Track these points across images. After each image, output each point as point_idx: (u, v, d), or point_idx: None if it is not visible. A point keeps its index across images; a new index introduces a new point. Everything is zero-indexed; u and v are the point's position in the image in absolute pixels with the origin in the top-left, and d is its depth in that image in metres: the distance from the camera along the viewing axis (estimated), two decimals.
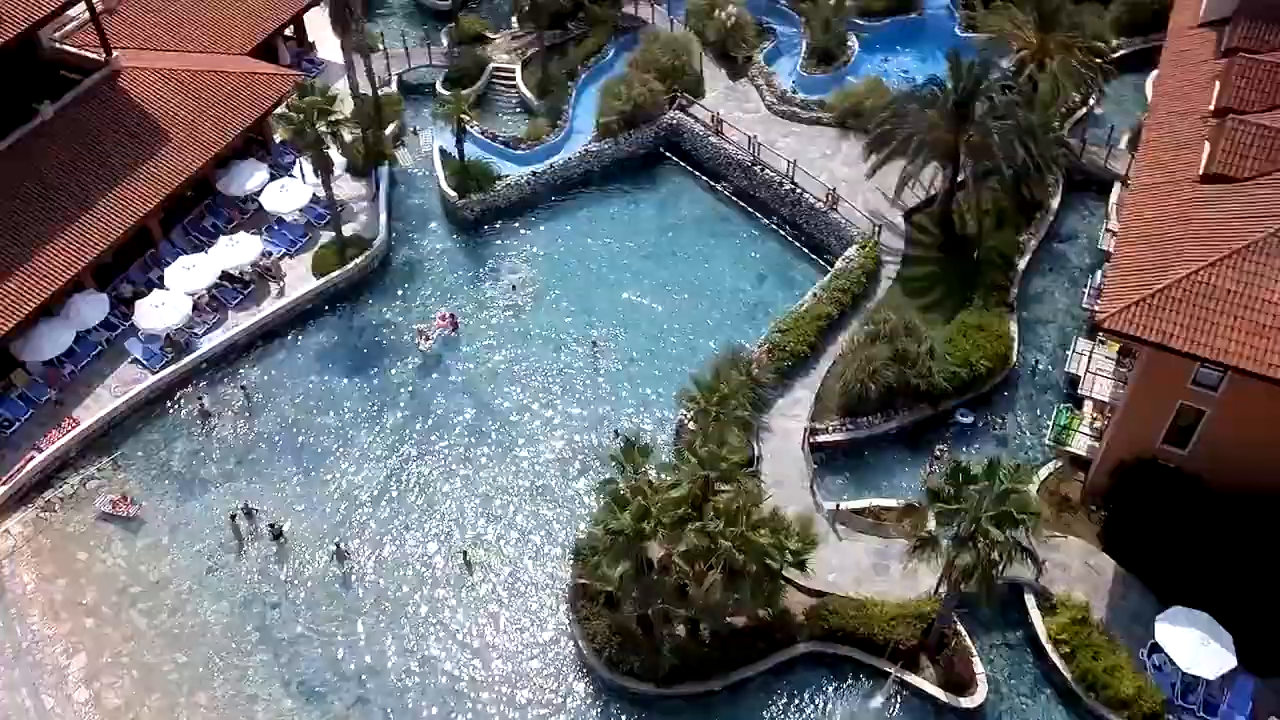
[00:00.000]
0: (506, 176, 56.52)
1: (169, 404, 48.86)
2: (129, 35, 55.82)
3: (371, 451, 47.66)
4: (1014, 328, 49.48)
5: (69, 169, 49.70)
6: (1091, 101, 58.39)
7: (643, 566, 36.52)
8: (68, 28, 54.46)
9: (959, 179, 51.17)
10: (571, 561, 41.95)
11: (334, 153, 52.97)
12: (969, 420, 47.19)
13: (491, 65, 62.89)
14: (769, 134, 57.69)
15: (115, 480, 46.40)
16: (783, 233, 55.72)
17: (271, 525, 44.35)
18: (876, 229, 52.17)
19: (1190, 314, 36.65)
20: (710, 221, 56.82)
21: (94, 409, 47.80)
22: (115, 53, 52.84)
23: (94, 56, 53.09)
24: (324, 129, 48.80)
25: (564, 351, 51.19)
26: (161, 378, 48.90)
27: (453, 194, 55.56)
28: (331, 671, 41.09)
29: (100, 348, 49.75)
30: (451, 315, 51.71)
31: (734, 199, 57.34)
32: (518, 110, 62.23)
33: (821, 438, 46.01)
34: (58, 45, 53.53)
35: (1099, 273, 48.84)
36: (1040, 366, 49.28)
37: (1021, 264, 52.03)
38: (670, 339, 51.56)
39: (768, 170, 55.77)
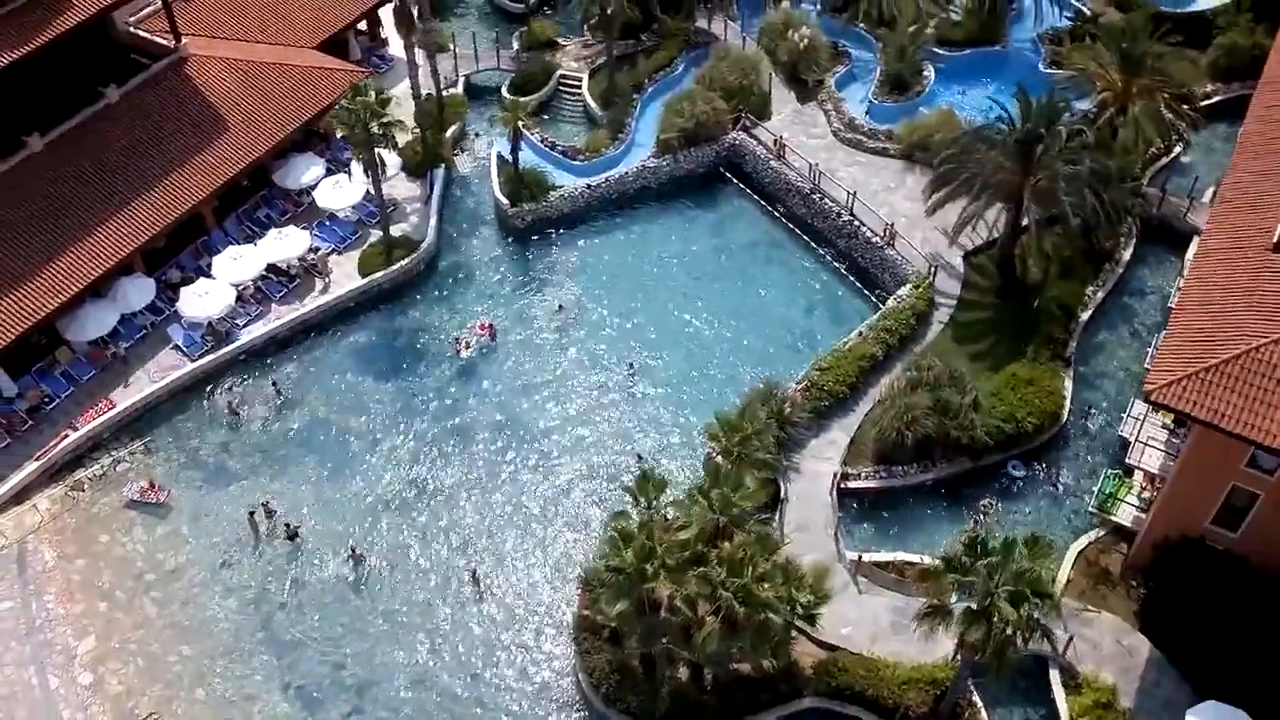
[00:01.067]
0: (561, 187, 55.83)
1: (205, 393, 49.14)
2: (201, 22, 56.47)
3: (396, 457, 47.34)
4: (1068, 384, 47.12)
5: (127, 153, 50.34)
6: (1177, 150, 55.63)
7: (645, 606, 35.40)
8: (143, 12, 55.28)
9: (1023, 223, 49.03)
10: (579, 591, 41.05)
11: (387, 154, 53.12)
12: (1021, 474, 45.15)
13: (559, 73, 62.26)
14: (832, 162, 56.07)
15: (145, 465, 46.84)
16: (837, 265, 54.01)
17: (287, 525, 44.29)
18: (932, 269, 50.25)
19: (1247, 393, 34.22)
20: (765, 247, 55.40)
21: (131, 392, 48.33)
22: (184, 40, 53.43)
23: (164, 42, 53.77)
24: (375, 130, 48.55)
25: (601, 370, 50.31)
26: (200, 365, 49.25)
27: (505, 201, 55.05)
28: (331, 680, 40.81)
29: (145, 331, 50.32)
30: (491, 325, 51.20)
31: (791, 226, 55.80)
32: (582, 120, 61.49)
33: (853, 484, 44.37)
34: (131, 29, 54.30)
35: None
36: (1095, 426, 46.94)
37: (1084, 316, 49.57)
38: (712, 365, 50.32)
39: (827, 199, 54.13)
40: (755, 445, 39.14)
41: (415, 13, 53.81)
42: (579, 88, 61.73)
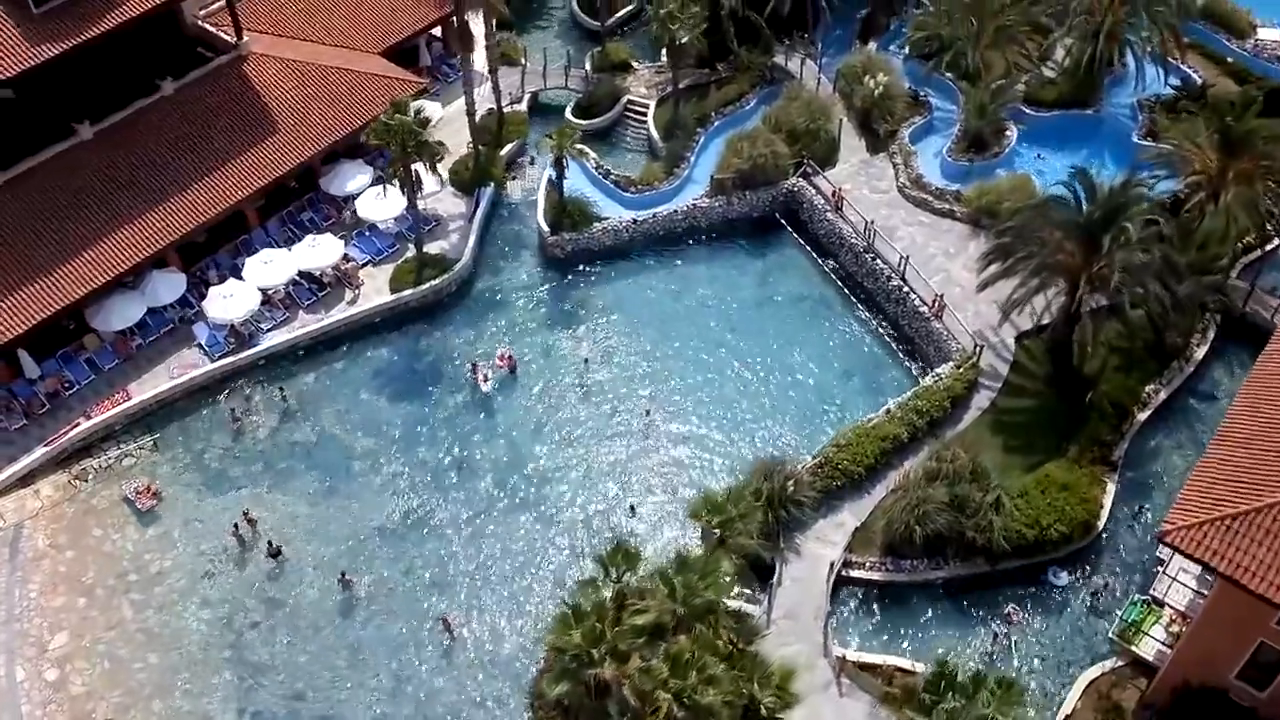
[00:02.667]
0: (606, 220, 54.06)
1: (220, 394, 48.97)
2: (269, 20, 56.42)
3: (395, 484, 46.37)
4: (1110, 491, 43.38)
5: (173, 146, 50.45)
6: (1275, 243, 50.93)
7: (592, 691, 33.48)
8: (213, 6, 55.53)
9: (1081, 310, 45.31)
10: (543, 655, 39.34)
11: (426, 172, 52.04)
12: (1061, 583, 41.78)
13: (626, 98, 60.49)
14: (893, 219, 53.03)
15: (150, 462, 46.88)
16: (883, 330, 51.07)
17: (269, 543, 43.72)
18: (978, 349, 46.92)
19: (1277, 550, 30.52)
20: (811, 303, 52.67)
21: (148, 386, 48.47)
22: (245, 37, 53.37)
23: (228, 38, 53.84)
24: (411, 148, 47.57)
25: (618, 415, 48.45)
26: (218, 367, 49.10)
27: (546, 229, 53.58)
28: (288, 711, 39.97)
29: (172, 326, 50.40)
30: (511, 357, 49.80)
31: (841, 283, 52.99)
32: (644, 149, 59.59)
33: (854, 573, 41.65)
34: (200, 23, 54.53)
35: None
36: (1134, 542, 43.12)
37: (1140, 417, 45.64)
38: (733, 422, 48.01)
39: (879, 260, 51.14)
40: (739, 529, 36.79)
41: (483, 28, 52.43)
42: (645, 115, 59.84)
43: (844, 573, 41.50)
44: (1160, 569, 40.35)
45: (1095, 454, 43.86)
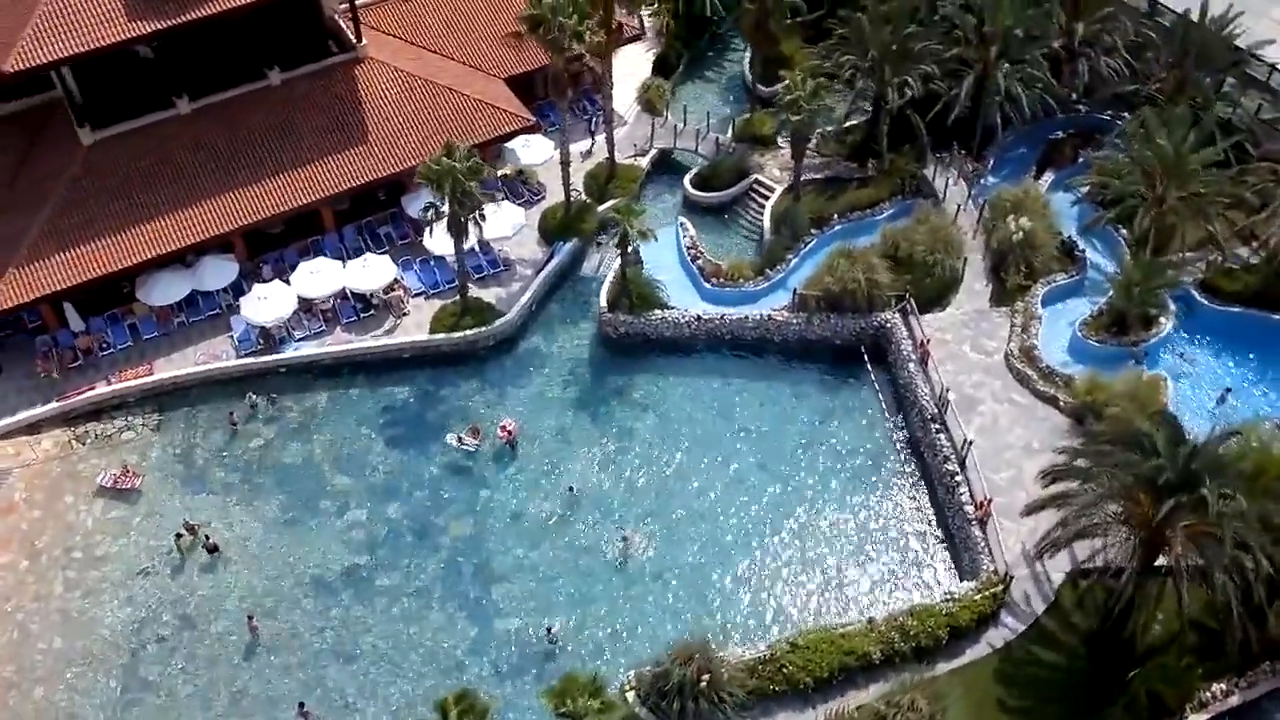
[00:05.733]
0: (670, 310, 49.28)
1: (232, 392, 48.45)
2: (407, 26, 55.62)
3: (351, 534, 44.22)
4: None
5: (262, 136, 50.34)
6: None
7: None
8: (361, 1, 54.94)
9: (1147, 566, 36.53)
10: None
11: (508, 209, 49.49)
12: None
13: (754, 177, 55.13)
14: (981, 390, 45.32)
15: (146, 441, 47.05)
16: (927, 517, 43.76)
17: (207, 537, 43.27)
18: (1008, 578, 38.98)
19: None
20: (862, 459, 45.82)
21: (173, 366, 48.75)
22: (365, 40, 52.34)
23: (351, 39, 53.13)
24: (457, 196, 44.83)
25: (600, 528, 43.95)
26: (239, 364, 48.65)
27: (604, 304, 49.52)
28: None
29: (218, 312, 50.47)
30: (512, 430, 46.35)
31: (903, 447, 45.91)
32: (756, 236, 54.14)
33: None
34: (337, 17, 54.09)
35: None
36: None
37: None
38: (719, 576, 42.49)
39: (942, 435, 43.75)
40: None
41: (581, 77, 48.96)
42: (768, 200, 54.26)
43: None
44: None
45: None
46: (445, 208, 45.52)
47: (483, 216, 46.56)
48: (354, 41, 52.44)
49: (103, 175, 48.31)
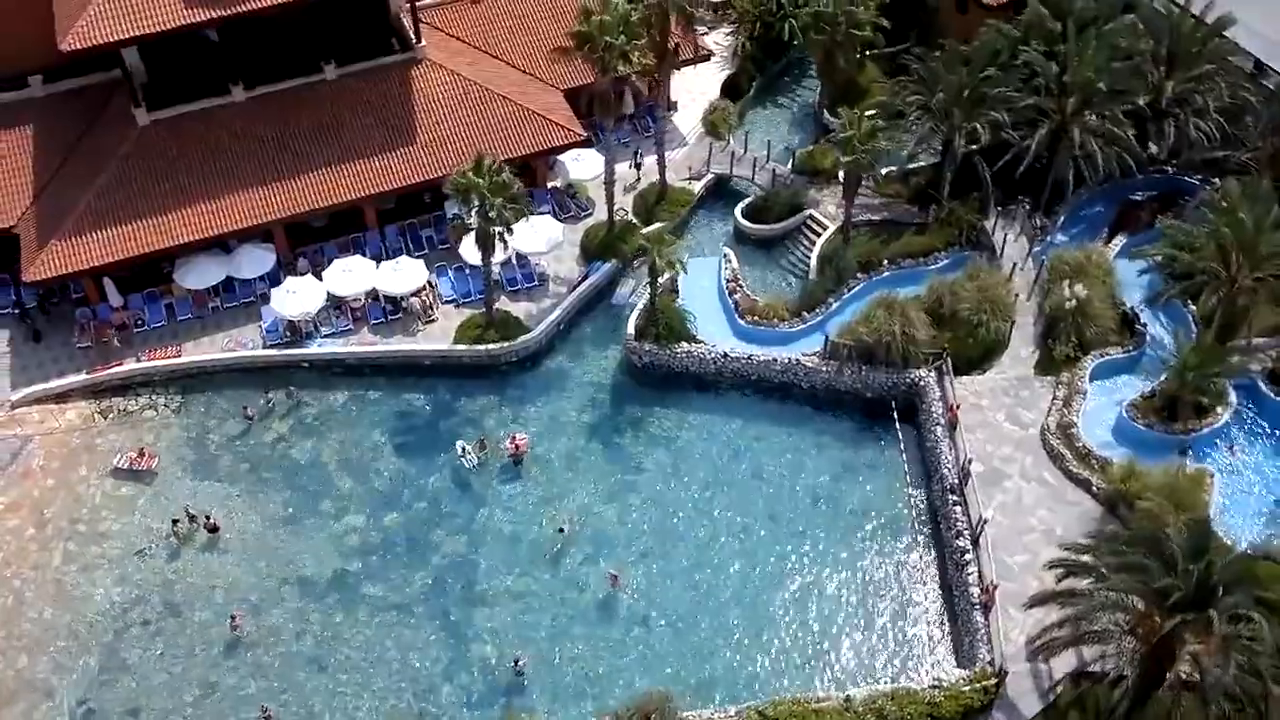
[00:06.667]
0: (698, 344, 47.65)
1: (255, 381, 48.57)
2: (473, 28, 55.45)
3: (345, 540, 43.92)
4: None
5: (310, 130, 50.48)
6: None
7: None
8: (427, 1, 54.74)
9: (1152, 679, 33.60)
10: None
11: (544, 224, 48.73)
12: None
13: (809, 213, 53.03)
14: (1010, 465, 42.64)
15: (166, 422, 47.54)
16: (930, 590, 41.32)
17: (207, 517, 43.58)
18: (1002, 671, 36.38)
19: None
20: (876, 522, 43.52)
21: (201, 350, 49.20)
22: (423, 43, 51.98)
23: (421, 37, 52.81)
24: (486, 211, 44.00)
25: (590, 565, 42.62)
26: (263, 355, 48.85)
27: (631, 331, 48.17)
28: None
29: (252, 299, 50.78)
30: (519, 445, 45.44)
31: (920, 515, 43.46)
32: (804, 274, 52.00)
33: None
34: (402, 16, 53.87)
35: None
36: None
37: None
38: (707, 627, 40.84)
39: (958, 508, 41.21)
40: None
41: (635, 96, 47.61)
42: (818, 238, 52.13)
43: None
44: None
45: None
46: (471, 220, 44.75)
47: (510, 232, 45.65)
48: (413, 41, 52.18)
49: (152, 156, 49.00)
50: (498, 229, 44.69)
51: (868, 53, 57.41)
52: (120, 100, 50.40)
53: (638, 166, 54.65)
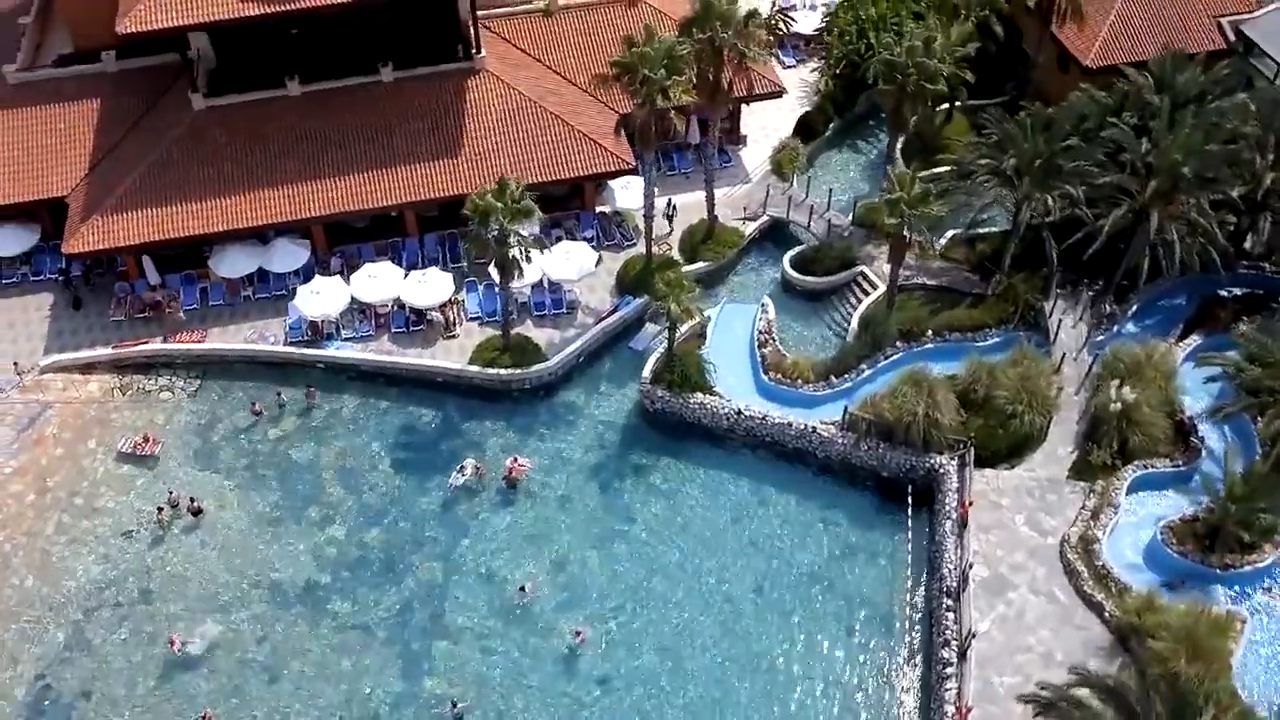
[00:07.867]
0: (712, 397, 45.36)
1: (271, 376, 48.43)
2: (540, 41, 54.25)
3: (324, 550, 43.34)
4: None
5: (359, 132, 50.01)
6: None
7: None
8: (498, 10, 53.85)
9: None
10: None
11: (576, 249, 47.71)
12: None
13: (860, 269, 50.03)
14: (1019, 575, 39.07)
15: (180, 405, 47.84)
16: (915, 705, 38.10)
17: (192, 499, 43.70)
18: None
19: None
20: (870, 612, 40.62)
21: (225, 338, 49.36)
22: (483, 52, 50.97)
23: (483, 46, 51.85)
24: (506, 234, 42.63)
25: (564, 613, 40.97)
26: (281, 351, 48.72)
27: (647, 375, 46.17)
28: (70, 700, 39.03)
29: (284, 293, 50.66)
30: (515, 469, 44.15)
31: (917, 612, 40.26)
32: (841, 334, 49.08)
33: None
34: (468, 23, 52.94)
35: None
36: None
37: None
38: (665, 699, 38.70)
39: (950, 614, 37.94)
40: None
41: (672, 128, 45.26)
42: (866, 297, 49.10)
43: None
44: None
45: None
46: (489, 241, 43.48)
47: (528, 259, 44.25)
48: (473, 51, 51.27)
49: (201, 142, 49.37)
50: (513, 254, 43.28)
51: (954, 105, 54.02)
52: (183, 83, 50.95)
53: (669, 218, 52.21)
